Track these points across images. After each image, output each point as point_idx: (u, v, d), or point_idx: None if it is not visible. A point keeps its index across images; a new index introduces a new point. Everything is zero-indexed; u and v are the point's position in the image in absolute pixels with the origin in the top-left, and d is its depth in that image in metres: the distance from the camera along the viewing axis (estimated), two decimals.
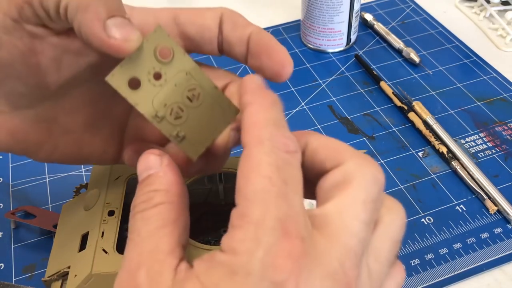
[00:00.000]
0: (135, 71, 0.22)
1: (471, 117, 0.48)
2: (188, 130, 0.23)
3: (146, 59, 0.22)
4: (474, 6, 0.62)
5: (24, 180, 0.43)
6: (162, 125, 0.22)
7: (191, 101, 0.23)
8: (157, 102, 0.22)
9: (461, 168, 0.42)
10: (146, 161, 0.22)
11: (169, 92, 0.22)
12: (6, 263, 0.37)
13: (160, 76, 0.22)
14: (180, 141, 0.23)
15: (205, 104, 0.23)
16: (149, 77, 0.22)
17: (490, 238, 0.38)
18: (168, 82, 0.22)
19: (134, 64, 0.21)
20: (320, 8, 0.53)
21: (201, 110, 0.23)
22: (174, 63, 0.22)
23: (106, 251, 0.30)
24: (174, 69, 0.22)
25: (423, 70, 0.53)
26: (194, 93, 0.23)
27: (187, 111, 0.23)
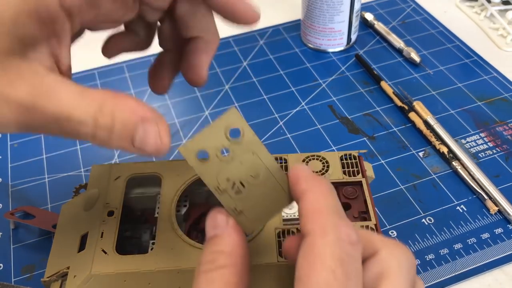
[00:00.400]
0: (206, 146, 0.23)
1: (471, 117, 0.48)
2: (246, 206, 0.24)
3: (217, 136, 0.23)
4: (475, 5, 0.62)
5: (23, 180, 0.43)
6: (222, 197, 0.24)
7: (254, 179, 0.24)
8: (221, 176, 0.24)
9: (461, 168, 0.42)
10: (213, 219, 0.23)
11: (234, 168, 0.24)
12: (5, 264, 0.37)
13: (228, 152, 0.24)
14: (238, 215, 0.24)
15: (267, 184, 0.24)
16: (217, 152, 0.24)
17: (490, 238, 0.38)
18: (235, 159, 0.24)
19: (206, 139, 0.23)
20: (320, 7, 0.53)
21: (262, 189, 0.24)
22: (243, 142, 0.24)
23: (106, 251, 0.30)
24: (242, 149, 0.24)
25: (423, 70, 0.53)
26: (257, 172, 0.24)
27: (248, 188, 0.24)
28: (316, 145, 0.45)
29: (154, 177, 0.35)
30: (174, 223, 0.31)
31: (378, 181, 0.40)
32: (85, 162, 0.45)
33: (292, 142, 0.46)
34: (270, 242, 0.30)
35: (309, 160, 0.35)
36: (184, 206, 0.35)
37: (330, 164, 0.35)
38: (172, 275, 0.29)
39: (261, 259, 0.29)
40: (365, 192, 0.33)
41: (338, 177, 0.34)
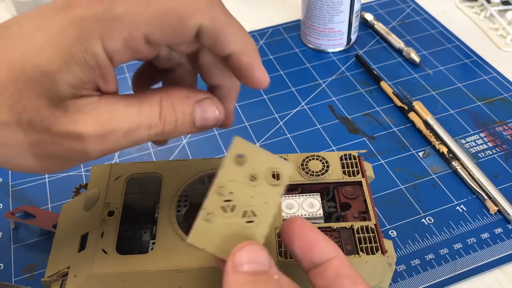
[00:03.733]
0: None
1: (471, 117, 0.48)
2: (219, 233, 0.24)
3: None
4: (475, 6, 0.62)
5: (23, 180, 0.43)
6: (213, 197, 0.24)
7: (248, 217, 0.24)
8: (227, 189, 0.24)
9: (461, 168, 0.42)
10: (254, 253, 0.22)
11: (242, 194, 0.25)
12: (6, 264, 0.37)
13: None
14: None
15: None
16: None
17: (490, 238, 0.38)
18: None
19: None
20: (320, 8, 0.53)
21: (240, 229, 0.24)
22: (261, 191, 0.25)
23: (106, 251, 0.30)
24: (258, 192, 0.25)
25: (423, 70, 0.53)
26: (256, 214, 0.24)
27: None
28: (316, 145, 0.45)
29: (154, 177, 0.35)
30: (174, 223, 0.31)
31: (378, 181, 0.41)
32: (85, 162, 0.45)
33: (292, 142, 0.46)
34: (270, 242, 0.30)
35: (309, 160, 0.35)
36: (184, 206, 0.35)
37: (330, 164, 0.35)
38: (172, 275, 0.29)
39: None
40: (365, 192, 0.33)
41: (338, 177, 0.34)
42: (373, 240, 0.30)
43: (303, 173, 0.34)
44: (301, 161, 0.35)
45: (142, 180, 0.35)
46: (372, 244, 0.30)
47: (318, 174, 0.34)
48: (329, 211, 0.34)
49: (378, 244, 0.30)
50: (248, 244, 0.22)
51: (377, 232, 0.31)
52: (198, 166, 0.35)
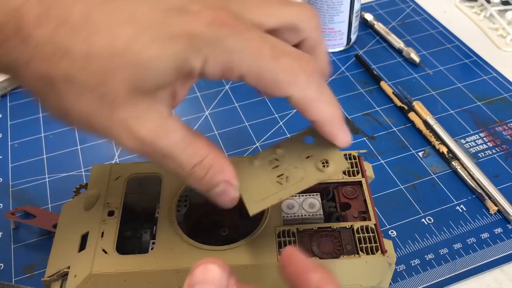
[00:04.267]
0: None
1: (471, 117, 0.48)
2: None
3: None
4: (475, 6, 0.62)
5: (24, 180, 0.43)
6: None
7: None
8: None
9: (461, 168, 0.42)
10: (208, 273, 0.21)
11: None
12: (6, 263, 0.37)
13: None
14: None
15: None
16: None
17: (490, 238, 0.38)
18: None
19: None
20: (320, 8, 0.53)
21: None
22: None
23: (106, 251, 0.30)
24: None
25: (423, 70, 0.53)
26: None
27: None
28: None
29: (155, 177, 0.35)
30: (174, 223, 0.31)
31: (378, 181, 0.41)
32: (85, 162, 0.45)
33: None
34: (270, 242, 0.30)
35: None
36: (184, 206, 0.35)
37: None
38: (172, 275, 0.29)
39: (261, 259, 0.29)
40: (365, 192, 0.33)
41: (338, 177, 0.34)
42: (373, 240, 0.30)
43: None
44: None
45: (142, 180, 0.35)
46: (372, 244, 0.30)
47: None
48: (329, 211, 0.34)
49: (378, 244, 0.30)
50: (205, 262, 0.21)
51: (377, 232, 0.31)
52: None
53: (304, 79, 0.25)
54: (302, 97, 0.25)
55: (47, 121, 0.49)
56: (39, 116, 0.50)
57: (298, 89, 0.25)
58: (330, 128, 0.27)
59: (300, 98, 0.25)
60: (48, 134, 0.48)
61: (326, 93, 0.26)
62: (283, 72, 0.24)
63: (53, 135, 0.48)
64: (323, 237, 0.31)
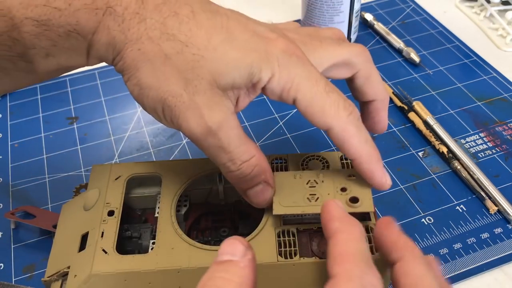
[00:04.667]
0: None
1: (471, 117, 0.48)
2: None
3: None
4: (475, 6, 0.62)
5: (24, 180, 0.43)
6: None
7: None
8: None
9: (461, 168, 0.42)
10: (232, 245, 0.23)
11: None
12: (6, 263, 0.37)
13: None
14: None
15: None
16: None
17: (490, 238, 0.38)
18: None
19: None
20: (320, 8, 0.53)
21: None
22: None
23: (106, 251, 0.30)
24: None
25: (423, 70, 0.53)
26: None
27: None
28: (316, 145, 0.46)
29: (155, 177, 0.35)
30: (174, 222, 0.31)
31: None
32: (85, 162, 0.45)
33: (292, 142, 0.46)
34: (270, 242, 0.30)
35: (309, 160, 0.35)
36: (184, 206, 0.35)
37: (330, 164, 0.35)
38: (172, 274, 0.29)
39: (261, 259, 0.29)
40: None
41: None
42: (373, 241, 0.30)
43: None
44: (301, 161, 0.35)
45: (142, 180, 0.35)
46: (372, 244, 0.30)
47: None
48: None
49: None
50: (229, 238, 0.24)
51: None
52: (198, 166, 0.35)
53: (346, 116, 0.28)
54: (341, 130, 0.28)
55: (47, 121, 0.49)
56: (39, 116, 0.50)
57: (339, 122, 0.28)
58: (367, 166, 0.29)
59: (340, 131, 0.28)
60: (48, 134, 0.48)
61: (364, 133, 0.29)
62: (330, 105, 0.28)
63: (53, 135, 0.48)
64: (323, 237, 0.31)
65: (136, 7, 0.27)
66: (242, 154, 0.29)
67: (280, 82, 0.28)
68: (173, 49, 0.27)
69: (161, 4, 0.27)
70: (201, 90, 0.27)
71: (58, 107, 0.51)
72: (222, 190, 0.36)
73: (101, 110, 0.50)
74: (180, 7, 0.27)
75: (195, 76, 0.27)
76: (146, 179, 0.35)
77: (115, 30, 0.27)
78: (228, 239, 0.24)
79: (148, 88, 0.28)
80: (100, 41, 0.27)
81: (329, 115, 0.28)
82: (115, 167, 0.35)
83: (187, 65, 0.27)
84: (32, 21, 0.26)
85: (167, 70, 0.27)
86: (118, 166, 0.35)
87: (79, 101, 0.51)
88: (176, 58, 0.27)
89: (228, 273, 0.22)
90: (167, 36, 0.27)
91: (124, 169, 0.35)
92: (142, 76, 0.27)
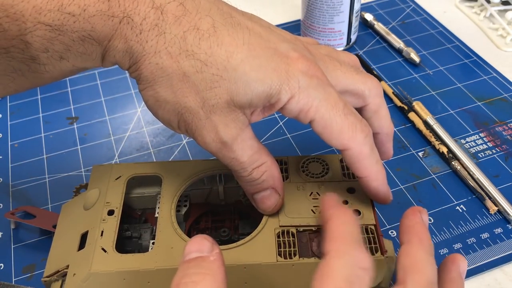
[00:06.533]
0: None
1: (471, 117, 0.48)
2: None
3: None
4: (474, 6, 0.62)
5: (24, 180, 0.43)
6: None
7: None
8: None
9: (461, 168, 0.42)
10: (199, 243, 0.24)
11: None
12: (6, 263, 0.37)
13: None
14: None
15: None
16: None
17: (490, 238, 0.38)
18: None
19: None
20: (320, 8, 0.53)
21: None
22: None
23: (105, 250, 0.30)
24: None
25: (423, 70, 0.53)
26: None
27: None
28: (316, 145, 0.45)
29: (155, 177, 0.35)
30: (174, 222, 0.31)
31: None
32: (85, 162, 0.45)
33: (292, 142, 0.46)
34: (269, 242, 0.30)
35: (309, 162, 0.35)
36: (184, 206, 0.35)
37: (330, 167, 0.35)
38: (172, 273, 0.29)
39: (260, 259, 0.29)
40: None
41: (338, 179, 0.34)
42: (372, 241, 0.30)
43: (303, 175, 0.34)
44: (301, 163, 0.35)
45: (142, 180, 0.35)
46: (372, 244, 0.30)
47: (318, 176, 0.34)
48: None
49: (378, 245, 0.30)
50: (193, 237, 0.24)
51: (377, 233, 0.31)
52: (198, 166, 0.35)
53: (363, 138, 0.29)
54: (358, 151, 0.29)
55: (47, 121, 0.49)
56: (39, 116, 0.50)
57: (356, 144, 0.29)
58: (375, 184, 0.31)
59: (356, 152, 0.29)
60: (48, 134, 0.48)
61: (376, 154, 0.30)
62: (348, 127, 0.28)
63: (53, 135, 0.48)
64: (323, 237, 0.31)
65: (155, 18, 0.26)
66: (254, 162, 0.30)
67: (299, 104, 0.28)
68: (192, 67, 0.27)
69: (181, 16, 0.27)
70: (218, 109, 0.27)
71: (58, 107, 0.51)
72: (222, 190, 0.36)
73: (101, 110, 0.50)
74: (201, 19, 0.27)
75: (213, 95, 0.27)
76: (146, 179, 0.35)
77: (132, 40, 0.27)
78: (193, 238, 0.24)
79: (164, 102, 0.28)
80: (116, 48, 0.27)
81: (346, 137, 0.29)
82: (115, 167, 0.35)
83: (206, 85, 0.27)
84: (45, 26, 0.26)
85: (185, 88, 0.27)
86: (119, 166, 0.35)
87: (79, 101, 0.51)
88: (195, 77, 0.27)
89: (201, 268, 0.23)
90: (186, 53, 0.27)
91: (125, 169, 0.35)
92: (159, 90, 0.27)
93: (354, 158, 0.30)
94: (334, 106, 0.28)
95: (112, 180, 0.34)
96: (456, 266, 0.27)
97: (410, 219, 0.27)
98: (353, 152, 0.29)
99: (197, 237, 0.24)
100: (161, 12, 0.27)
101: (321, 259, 0.23)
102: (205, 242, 0.24)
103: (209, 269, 0.23)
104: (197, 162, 0.35)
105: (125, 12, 0.26)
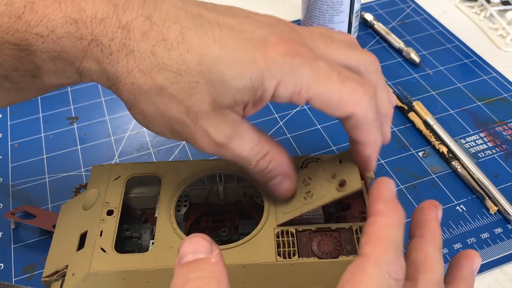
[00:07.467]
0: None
1: (471, 117, 0.48)
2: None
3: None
4: (474, 6, 0.62)
5: (24, 180, 0.43)
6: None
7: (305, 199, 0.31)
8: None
9: (461, 168, 0.42)
10: (195, 244, 0.22)
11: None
12: (6, 263, 0.37)
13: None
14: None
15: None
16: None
17: (490, 238, 0.38)
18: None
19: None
20: (320, 8, 0.53)
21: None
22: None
23: (105, 249, 0.30)
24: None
25: (423, 70, 0.53)
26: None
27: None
28: (316, 145, 0.45)
29: (154, 177, 0.35)
30: (174, 222, 0.31)
31: None
32: (85, 162, 0.45)
33: (292, 142, 0.46)
34: (269, 242, 0.30)
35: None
36: (184, 206, 0.35)
37: None
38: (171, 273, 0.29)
39: (260, 259, 0.29)
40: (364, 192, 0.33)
41: None
42: None
43: None
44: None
45: (142, 180, 0.36)
46: None
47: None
48: (329, 211, 0.34)
49: None
50: (188, 237, 0.23)
51: None
52: (198, 166, 0.35)
53: (367, 101, 0.27)
54: (363, 116, 0.27)
55: (47, 121, 0.49)
56: (39, 116, 0.50)
57: (361, 109, 0.27)
58: (370, 151, 0.29)
59: (360, 117, 0.27)
60: (48, 134, 0.48)
61: (378, 120, 0.29)
62: (349, 94, 0.27)
63: (53, 135, 0.48)
64: (322, 237, 0.31)
65: (122, 37, 0.26)
66: (257, 154, 0.29)
67: (288, 88, 0.27)
68: (167, 80, 0.26)
69: (148, 31, 0.26)
70: (203, 114, 0.27)
71: (58, 107, 0.51)
72: (222, 190, 0.36)
73: (101, 110, 0.50)
74: (168, 29, 0.26)
75: (195, 102, 0.27)
76: (146, 179, 0.35)
77: (104, 62, 0.26)
78: (188, 238, 0.23)
79: (151, 117, 0.28)
80: (90, 69, 0.27)
81: (349, 104, 0.27)
82: (115, 167, 0.35)
83: (185, 93, 0.26)
84: (12, 45, 0.25)
85: (166, 100, 0.27)
86: (118, 166, 0.35)
87: (79, 101, 0.51)
88: (172, 89, 0.26)
89: (204, 272, 0.22)
90: (158, 67, 0.26)
91: (124, 169, 0.35)
92: (143, 107, 0.27)
93: (358, 123, 0.28)
94: (326, 78, 0.27)
95: (111, 180, 0.34)
96: (470, 263, 0.26)
97: (426, 213, 0.27)
98: (356, 118, 0.28)
99: (193, 237, 0.23)
100: (127, 31, 0.26)
101: (356, 258, 0.23)
102: (203, 242, 0.22)
103: (213, 272, 0.22)
104: (196, 162, 0.35)
105: (93, 34, 0.26)
